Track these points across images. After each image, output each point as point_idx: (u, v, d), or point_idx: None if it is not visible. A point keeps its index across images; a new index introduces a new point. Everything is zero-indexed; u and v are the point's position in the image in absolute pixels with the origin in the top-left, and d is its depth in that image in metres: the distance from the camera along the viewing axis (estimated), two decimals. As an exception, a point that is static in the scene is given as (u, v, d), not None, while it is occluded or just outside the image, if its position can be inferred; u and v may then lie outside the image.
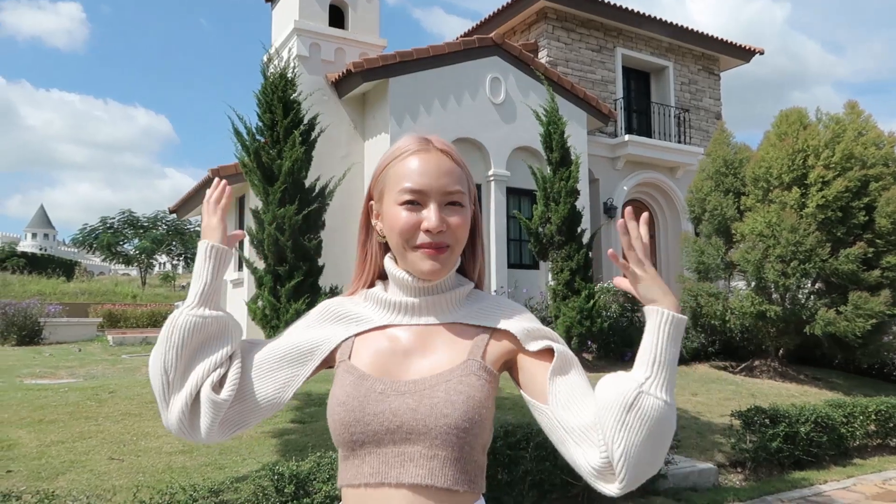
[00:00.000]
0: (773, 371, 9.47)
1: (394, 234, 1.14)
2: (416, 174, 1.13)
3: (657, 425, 1.00)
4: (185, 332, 1.13)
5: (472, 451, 1.09)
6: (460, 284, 1.21)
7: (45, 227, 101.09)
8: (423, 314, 1.18)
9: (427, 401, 1.07)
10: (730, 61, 15.65)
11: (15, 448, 4.65)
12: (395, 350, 1.15)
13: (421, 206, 1.13)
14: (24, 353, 11.12)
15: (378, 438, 1.07)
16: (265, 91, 7.55)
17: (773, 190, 9.12)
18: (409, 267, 1.15)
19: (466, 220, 1.16)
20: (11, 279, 27.85)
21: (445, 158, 1.16)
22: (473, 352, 1.14)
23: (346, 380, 1.12)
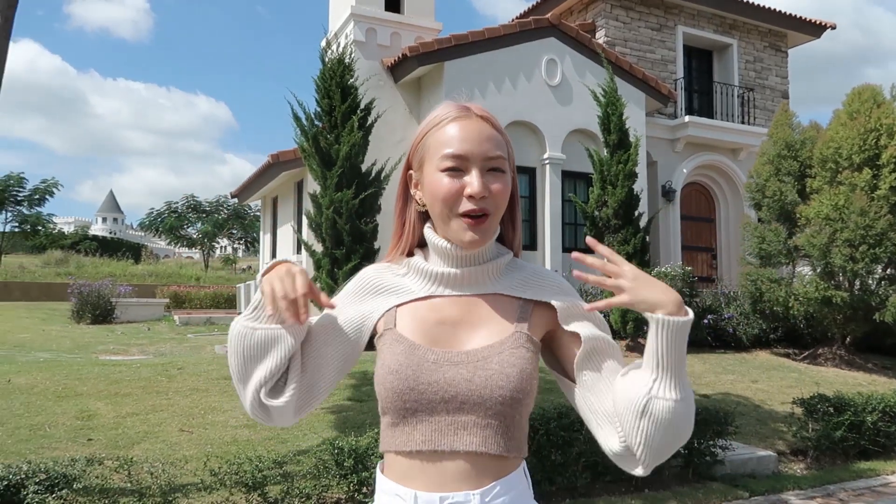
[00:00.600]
0: (839, 359, 9.17)
1: (436, 201, 1.14)
2: (456, 140, 1.13)
3: (671, 423, 1.06)
4: (238, 340, 1.15)
5: (521, 419, 1.14)
6: (499, 254, 1.22)
7: (114, 211, 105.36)
8: (465, 285, 1.19)
9: (481, 372, 1.10)
10: (798, 37, 15.01)
11: (94, 418, 4.94)
12: (440, 320, 1.16)
13: (463, 173, 1.13)
14: (99, 331, 11.70)
15: (431, 407, 1.09)
16: (323, 77, 7.69)
17: (842, 171, 8.77)
18: (449, 235, 1.16)
19: (507, 186, 1.16)
20: (85, 261, 29.22)
21: (486, 124, 1.16)
22: (519, 323, 1.17)
23: (395, 348, 1.13)
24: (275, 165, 11.82)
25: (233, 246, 45.05)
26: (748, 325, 9.79)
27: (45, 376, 6.23)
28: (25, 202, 31.24)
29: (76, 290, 13.40)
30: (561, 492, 4.37)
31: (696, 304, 10.01)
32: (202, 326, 13.44)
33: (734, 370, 8.37)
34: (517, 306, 1.19)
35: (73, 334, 10.99)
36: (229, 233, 39.19)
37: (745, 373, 8.24)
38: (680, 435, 1.08)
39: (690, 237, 13.46)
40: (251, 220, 37.54)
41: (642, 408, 1.05)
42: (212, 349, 9.49)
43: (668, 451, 1.09)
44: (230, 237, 40.43)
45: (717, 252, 13.85)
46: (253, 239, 39.65)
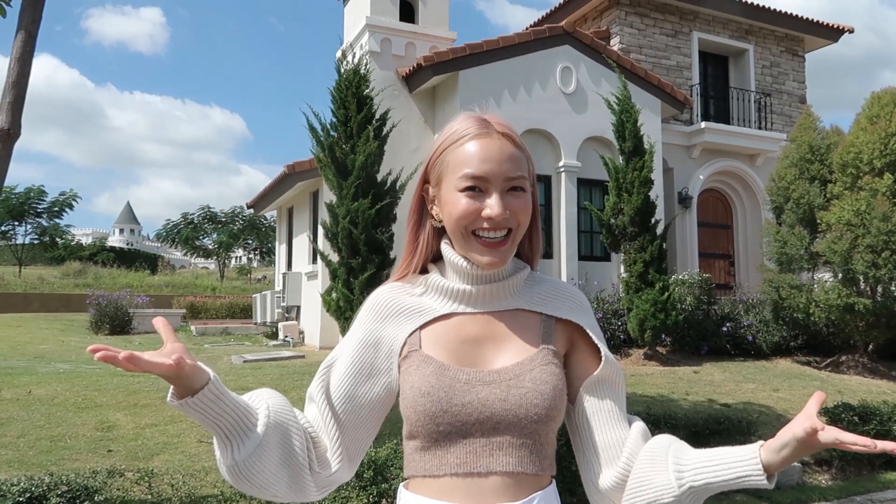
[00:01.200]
0: (862, 367, 9.02)
1: (452, 220, 1.12)
2: (476, 160, 1.10)
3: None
4: (241, 478, 1.05)
5: (553, 436, 1.12)
6: (517, 269, 1.20)
7: (131, 222, 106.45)
8: (485, 302, 1.17)
9: (515, 391, 1.08)
10: (815, 41, 14.88)
11: (114, 430, 4.95)
12: (464, 339, 1.14)
13: (482, 193, 1.10)
14: (116, 342, 11.78)
15: (465, 429, 1.07)
16: (339, 87, 7.71)
17: (862, 176, 8.66)
18: (467, 255, 1.14)
19: (528, 204, 1.14)
20: (102, 272, 29.52)
21: (507, 143, 1.13)
22: (545, 339, 1.15)
23: (424, 370, 1.10)
24: (290, 176, 11.87)
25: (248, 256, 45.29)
26: (768, 333, 9.67)
27: (65, 387, 6.27)
28: (45, 214, 31.64)
29: (95, 302, 13.52)
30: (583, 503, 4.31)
31: (715, 312, 9.91)
32: (219, 337, 13.50)
33: (755, 378, 8.26)
34: (539, 322, 1.17)
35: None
36: (245, 243, 39.40)
37: (765, 381, 8.13)
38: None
39: (707, 244, 13.34)
40: (266, 230, 37.73)
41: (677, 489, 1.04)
42: (228, 359, 9.51)
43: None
44: (245, 247, 40.63)
45: (735, 259, 13.72)
46: (268, 249, 39.84)
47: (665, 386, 7.51)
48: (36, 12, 3.01)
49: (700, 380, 8.00)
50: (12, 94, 2.75)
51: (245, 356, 9.37)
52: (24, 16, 2.89)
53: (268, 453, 1.05)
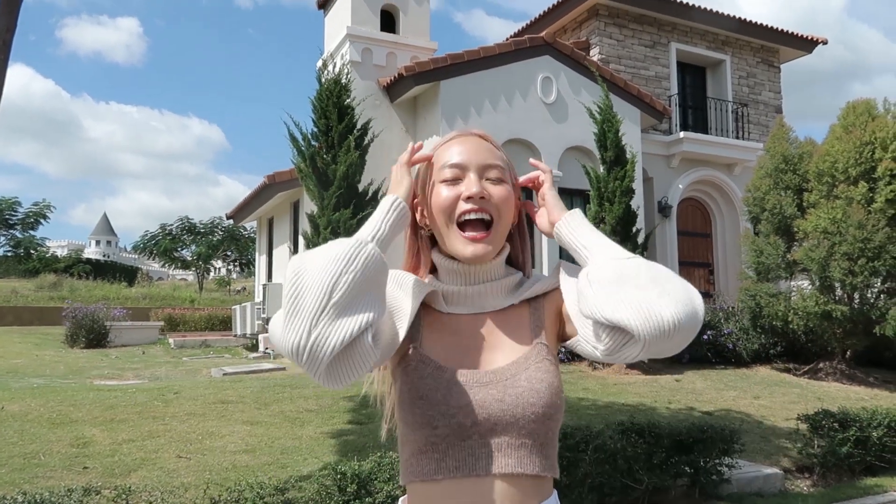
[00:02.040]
0: (840, 373, 9.12)
1: (437, 212, 1.15)
2: (455, 152, 1.17)
3: (618, 276, 0.99)
4: (369, 265, 0.99)
5: (553, 435, 1.11)
6: (510, 273, 1.21)
7: (107, 234, 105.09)
8: (478, 303, 1.18)
9: (512, 391, 1.07)
10: (790, 52, 15.14)
11: (90, 445, 4.84)
12: (460, 341, 1.14)
13: (461, 181, 1.14)
14: (93, 356, 11.58)
15: (463, 431, 1.06)
16: (320, 97, 7.69)
17: (838, 185, 8.79)
18: (451, 250, 1.15)
19: (510, 195, 1.16)
20: (78, 285, 29.05)
21: (483, 140, 1.20)
22: (536, 333, 1.15)
23: (422, 371, 1.09)
24: (271, 186, 11.79)
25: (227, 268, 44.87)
26: (748, 341, 9.75)
27: (39, 403, 6.13)
28: (19, 226, 31.11)
29: (70, 315, 13.28)
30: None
31: (696, 320, 9.95)
32: (198, 349, 13.33)
33: (735, 386, 8.32)
34: (529, 314, 1.18)
35: (67, 359, 10.87)
36: (224, 254, 39.04)
37: (746, 389, 8.18)
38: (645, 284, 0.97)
39: (687, 252, 13.45)
40: (246, 241, 37.43)
41: (585, 283, 1.02)
42: (208, 372, 9.38)
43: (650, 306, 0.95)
44: (225, 259, 40.27)
45: (714, 267, 13.84)
46: (248, 261, 39.51)
47: (647, 394, 7.53)
48: (10, 20, 2.94)
49: (682, 388, 8.03)
50: (-15, 102, 2.67)
51: (225, 369, 9.25)
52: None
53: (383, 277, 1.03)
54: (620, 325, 0.96)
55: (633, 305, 0.95)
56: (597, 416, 6.12)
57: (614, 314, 0.96)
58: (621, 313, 0.96)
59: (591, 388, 7.67)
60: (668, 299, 0.96)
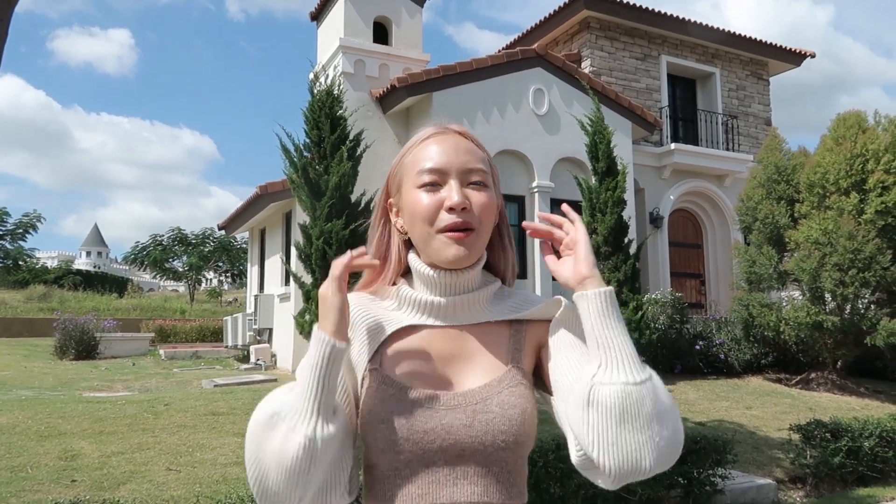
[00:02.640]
0: (831, 383, 9.15)
1: (415, 220, 1.07)
2: (433, 154, 1.08)
3: (621, 410, 0.91)
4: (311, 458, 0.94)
5: (523, 463, 1.05)
6: (487, 283, 1.13)
7: (98, 245, 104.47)
8: (454, 315, 1.09)
9: (481, 416, 1.00)
10: (779, 65, 15.29)
11: (78, 458, 4.79)
12: (430, 356, 1.06)
13: (441, 187, 1.06)
14: (82, 367, 11.47)
15: (427, 457, 0.99)
16: (312, 108, 7.68)
17: (829, 196, 8.86)
18: (432, 256, 1.07)
19: (492, 200, 1.08)
20: (68, 296, 28.87)
21: (463, 139, 1.11)
22: (514, 356, 1.08)
23: (384, 392, 1.01)
24: (263, 197, 11.76)
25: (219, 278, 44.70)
26: (739, 351, 9.77)
27: (27, 415, 6.06)
28: (8, 237, 30.89)
29: (61, 326, 13.17)
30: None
31: (688, 331, 9.99)
32: (188, 361, 13.23)
33: (727, 396, 8.32)
34: (509, 335, 1.10)
35: (56, 371, 10.76)
36: (215, 265, 38.89)
37: (738, 399, 8.19)
38: (638, 424, 0.91)
39: (678, 263, 13.49)
40: (237, 251, 37.31)
41: (587, 398, 0.93)
42: (198, 384, 9.31)
43: (631, 452, 0.91)
44: (216, 270, 40.10)
45: (706, 278, 13.89)
46: (240, 271, 39.36)
47: (640, 405, 7.51)
48: (1, 30, 2.93)
49: (674, 398, 8.02)
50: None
51: (216, 380, 9.18)
52: (-11, 33, 2.81)
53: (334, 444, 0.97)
54: (599, 465, 0.93)
55: (622, 451, 0.91)
56: (590, 427, 6.10)
57: (600, 457, 0.92)
58: (607, 459, 0.91)
59: (583, 399, 7.65)
60: (655, 445, 0.92)
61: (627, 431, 0.91)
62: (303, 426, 0.94)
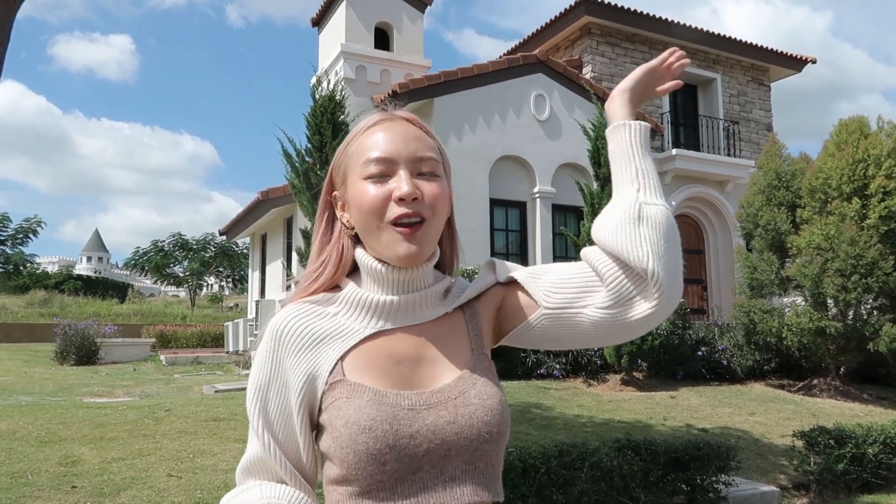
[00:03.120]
0: (834, 390, 9.11)
1: (362, 213, 0.99)
2: (380, 142, 1.00)
3: (668, 228, 0.98)
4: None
5: (502, 456, 1.01)
6: (438, 279, 1.07)
7: (99, 250, 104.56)
8: (412, 314, 1.03)
9: (463, 410, 0.95)
10: (780, 71, 15.31)
11: (79, 464, 4.76)
12: (396, 359, 0.99)
13: (389, 178, 0.98)
14: (83, 373, 11.45)
15: (414, 463, 0.92)
16: (314, 113, 7.68)
17: (831, 201, 8.84)
18: (382, 253, 1.00)
19: (444, 190, 1.01)
20: (69, 301, 28.85)
21: (411, 126, 1.03)
22: (477, 343, 1.04)
23: (358, 401, 0.93)
24: (264, 202, 11.77)
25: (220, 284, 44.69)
26: (742, 357, 9.74)
27: (28, 420, 6.03)
28: (9, 242, 30.90)
29: (61, 331, 13.16)
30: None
31: (690, 337, 9.96)
32: (189, 366, 13.21)
33: (730, 403, 8.29)
34: (465, 321, 1.06)
35: (57, 376, 10.74)
36: (216, 271, 38.90)
37: (741, 405, 8.16)
38: (677, 248, 0.99)
39: (680, 269, 13.46)
40: (238, 257, 37.33)
41: (637, 215, 0.98)
42: (199, 389, 9.28)
43: (674, 268, 0.97)
44: (217, 275, 40.11)
45: (708, 284, 13.87)
46: (240, 277, 39.36)
47: (643, 411, 7.49)
48: (3, 35, 2.93)
49: (677, 405, 8.00)
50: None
51: (217, 386, 9.16)
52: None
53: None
54: (652, 275, 0.95)
55: (670, 266, 0.96)
56: (593, 434, 6.08)
57: (655, 266, 0.95)
58: (660, 267, 0.95)
59: (586, 405, 7.63)
60: (678, 263, 1.00)
61: (671, 250, 0.97)
62: None
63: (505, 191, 10.99)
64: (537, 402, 7.57)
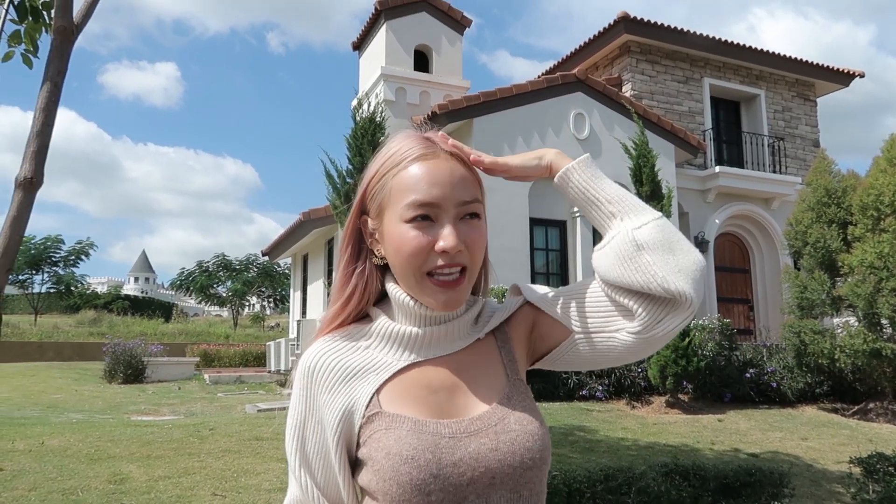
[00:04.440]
0: (892, 414, 8.74)
1: (401, 257, 0.96)
2: (424, 184, 0.95)
3: (667, 239, 0.96)
4: None
5: (545, 483, 0.98)
6: (470, 304, 1.05)
7: (146, 271, 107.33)
8: (444, 345, 1.01)
9: (504, 437, 0.93)
10: (826, 86, 14.96)
11: (127, 482, 4.85)
12: (432, 390, 0.97)
13: (433, 223, 0.95)
14: (130, 391, 11.70)
15: (459, 493, 0.89)
16: (355, 135, 7.79)
17: (884, 218, 8.56)
18: (419, 297, 0.98)
19: (483, 234, 0.99)
20: (117, 320, 29.63)
21: (457, 163, 0.98)
22: (511, 368, 1.02)
23: (398, 431, 0.91)
24: (306, 223, 11.93)
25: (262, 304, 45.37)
26: (792, 379, 9.44)
27: (78, 438, 6.18)
28: (62, 263, 31.97)
29: (111, 350, 13.51)
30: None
31: (737, 358, 9.70)
32: (232, 385, 13.39)
33: (781, 427, 8.02)
34: (497, 347, 1.04)
35: (106, 394, 11.00)
36: (259, 290, 39.53)
37: (793, 430, 7.89)
38: (684, 249, 0.96)
39: (725, 289, 13.18)
40: (280, 277, 37.87)
41: (633, 245, 0.95)
42: (242, 409, 9.39)
43: (692, 272, 0.94)
44: (259, 295, 40.74)
45: (754, 303, 13.52)
46: (282, 296, 39.90)
47: (689, 435, 7.31)
48: (62, 63, 3.04)
49: (725, 428, 7.78)
50: (36, 143, 2.75)
51: (259, 405, 9.25)
52: (51, 66, 2.92)
53: None
54: (684, 295, 0.93)
55: (688, 274, 0.94)
56: (638, 457, 5.94)
57: (675, 284, 0.93)
58: (681, 283, 0.93)
59: (630, 428, 7.47)
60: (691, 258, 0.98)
61: (681, 257, 0.95)
62: None
63: (545, 210, 10.94)
64: (580, 424, 7.44)
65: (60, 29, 2.85)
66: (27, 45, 3.53)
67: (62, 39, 2.95)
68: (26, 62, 3.52)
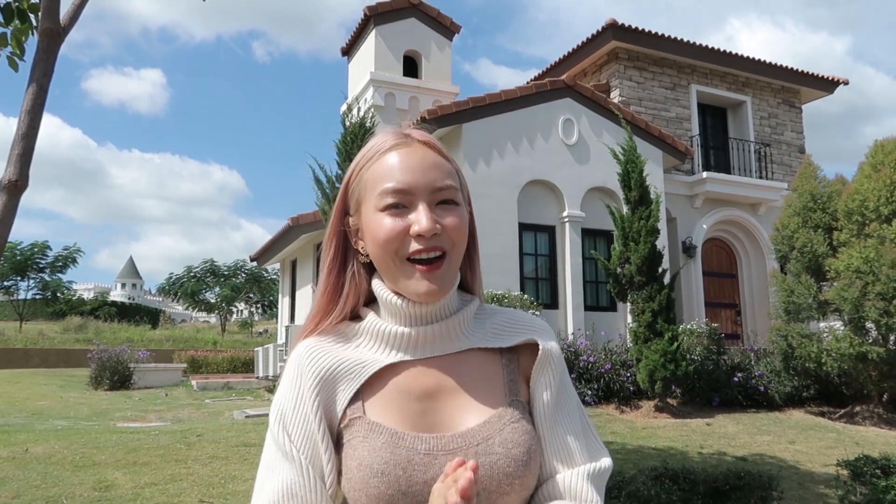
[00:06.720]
0: (878, 417, 8.81)
1: (377, 246, 0.94)
2: (396, 171, 0.94)
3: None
4: None
5: (525, 502, 0.95)
6: (464, 303, 1.02)
7: (133, 277, 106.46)
8: (433, 346, 0.98)
9: (484, 459, 0.89)
10: (811, 93, 15.13)
11: (112, 489, 4.79)
12: (416, 395, 0.95)
13: (407, 209, 0.94)
14: (116, 398, 11.59)
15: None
16: (344, 140, 7.78)
17: (869, 224, 8.64)
18: (400, 288, 0.96)
19: (463, 219, 0.96)
20: (103, 327, 29.37)
21: (430, 151, 0.97)
22: (511, 389, 0.98)
23: (374, 441, 0.90)
24: (294, 228, 11.89)
25: (250, 310, 45.14)
26: (780, 383, 9.49)
27: (63, 445, 6.11)
28: (48, 269, 31.68)
29: (96, 357, 13.38)
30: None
31: (725, 362, 9.75)
32: (220, 391, 13.30)
33: (769, 430, 8.07)
34: (501, 364, 1.00)
35: (91, 401, 10.89)
36: (247, 297, 39.34)
37: (780, 433, 7.93)
38: None
39: (713, 293, 13.25)
40: (268, 283, 37.72)
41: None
42: (230, 415, 9.33)
43: None
44: (247, 301, 40.55)
45: (741, 308, 13.61)
46: (270, 302, 39.73)
47: (678, 439, 7.33)
48: (48, 65, 3.02)
49: (713, 432, 7.81)
50: (21, 145, 2.73)
51: (247, 411, 9.19)
52: (37, 69, 2.91)
53: None
54: None
55: None
56: (627, 461, 5.95)
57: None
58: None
59: (619, 432, 7.48)
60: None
61: None
62: None
63: (534, 215, 10.97)
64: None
65: (47, 31, 2.83)
66: (13, 48, 3.50)
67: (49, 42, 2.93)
68: (12, 65, 3.50)
